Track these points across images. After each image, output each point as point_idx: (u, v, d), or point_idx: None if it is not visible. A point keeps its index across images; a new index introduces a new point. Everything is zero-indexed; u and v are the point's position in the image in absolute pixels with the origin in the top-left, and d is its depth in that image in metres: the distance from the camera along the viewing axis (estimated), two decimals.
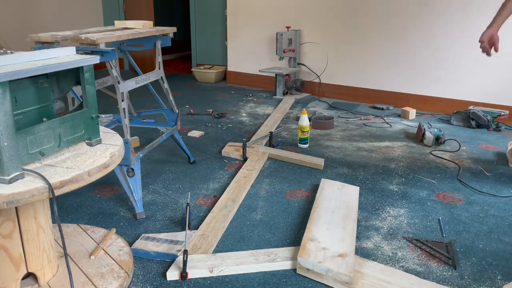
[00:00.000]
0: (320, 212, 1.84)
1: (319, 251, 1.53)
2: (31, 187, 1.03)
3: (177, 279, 1.48)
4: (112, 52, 1.73)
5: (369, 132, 3.20)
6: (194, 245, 1.64)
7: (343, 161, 2.60)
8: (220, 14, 5.42)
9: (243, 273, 1.51)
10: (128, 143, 1.83)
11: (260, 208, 2.00)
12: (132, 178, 1.91)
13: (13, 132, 1.04)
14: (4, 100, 1.01)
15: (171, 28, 2.31)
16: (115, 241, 1.62)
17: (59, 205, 2.01)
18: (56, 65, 1.15)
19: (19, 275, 1.28)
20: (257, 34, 4.82)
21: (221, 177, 2.35)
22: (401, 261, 1.59)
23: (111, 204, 2.03)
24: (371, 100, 4.12)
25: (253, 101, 4.26)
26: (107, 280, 1.38)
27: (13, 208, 1.21)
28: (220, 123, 3.44)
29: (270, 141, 2.84)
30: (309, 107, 3.96)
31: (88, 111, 1.30)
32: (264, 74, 4.74)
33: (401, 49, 3.87)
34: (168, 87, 2.34)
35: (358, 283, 1.41)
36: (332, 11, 4.22)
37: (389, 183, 2.27)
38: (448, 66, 3.66)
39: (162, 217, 1.91)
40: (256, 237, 1.75)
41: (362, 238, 1.74)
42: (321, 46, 4.38)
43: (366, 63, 4.11)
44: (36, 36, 1.77)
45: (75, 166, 1.15)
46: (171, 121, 2.43)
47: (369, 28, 4.01)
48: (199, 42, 5.72)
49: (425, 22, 3.69)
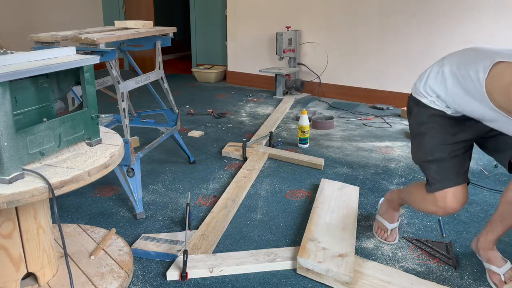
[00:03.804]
0: (320, 212, 1.84)
1: (319, 251, 1.53)
2: (31, 187, 1.03)
3: (177, 279, 1.48)
4: (112, 52, 1.73)
5: (369, 132, 3.20)
6: (194, 245, 1.64)
7: (343, 161, 2.60)
8: (220, 14, 5.41)
9: (243, 273, 1.51)
10: (128, 143, 1.83)
11: (260, 208, 2.00)
12: (132, 178, 1.91)
13: (13, 132, 1.04)
14: (4, 100, 1.01)
15: (171, 28, 2.31)
16: (115, 241, 1.62)
17: (59, 205, 2.01)
18: (56, 65, 1.15)
19: (19, 275, 1.28)
20: (257, 34, 4.82)
21: (221, 177, 2.35)
22: (401, 261, 1.59)
23: (111, 204, 2.03)
24: (371, 100, 4.12)
25: (253, 101, 4.26)
26: (107, 280, 1.38)
27: (13, 208, 1.21)
28: (220, 123, 3.44)
29: (270, 141, 2.84)
30: (309, 107, 3.96)
31: (88, 111, 1.30)
32: (264, 74, 4.73)
33: (401, 49, 3.87)
34: (168, 87, 2.34)
35: (358, 283, 1.41)
36: (332, 11, 4.22)
37: (389, 183, 2.27)
38: None
39: (162, 217, 1.91)
40: (256, 237, 1.75)
41: (362, 238, 1.74)
42: (321, 46, 4.38)
43: (366, 63, 4.11)
44: (36, 36, 1.77)
45: (75, 166, 1.15)
46: (171, 121, 2.43)
47: (369, 28, 4.01)
48: (199, 42, 5.72)
49: (426, 22, 3.69)
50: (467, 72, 1.20)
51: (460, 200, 1.38)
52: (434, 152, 1.38)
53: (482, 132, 1.38)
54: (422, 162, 1.43)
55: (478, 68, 1.16)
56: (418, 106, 1.42)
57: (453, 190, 1.37)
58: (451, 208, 1.39)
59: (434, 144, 1.38)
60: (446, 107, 1.35)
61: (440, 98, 1.35)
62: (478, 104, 1.20)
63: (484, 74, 1.13)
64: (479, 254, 1.53)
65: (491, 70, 1.12)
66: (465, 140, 1.38)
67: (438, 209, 1.41)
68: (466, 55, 1.28)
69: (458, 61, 1.29)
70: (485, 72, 1.13)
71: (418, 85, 1.43)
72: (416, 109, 1.44)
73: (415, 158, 1.48)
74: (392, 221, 1.70)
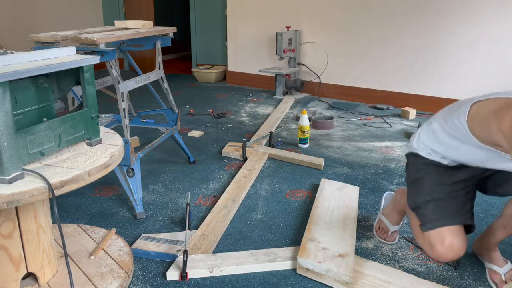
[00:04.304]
0: (320, 212, 1.84)
1: (319, 251, 1.53)
2: (31, 187, 1.03)
3: (177, 279, 1.48)
4: (112, 52, 1.73)
5: (369, 132, 3.20)
6: (194, 245, 1.64)
7: (343, 161, 2.60)
8: (220, 14, 5.41)
9: (243, 273, 1.51)
10: (128, 143, 1.83)
11: (260, 208, 2.00)
12: (132, 178, 1.91)
13: (13, 132, 1.04)
14: (4, 100, 1.01)
15: (171, 28, 2.31)
16: (115, 241, 1.62)
17: (59, 205, 2.01)
18: (56, 65, 1.15)
19: (19, 275, 1.28)
20: (257, 34, 4.82)
21: (221, 177, 2.35)
22: (401, 261, 1.59)
23: (111, 204, 2.03)
24: (371, 100, 4.12)
25: (253, 101, 4.26)
26: (107, 280, 1.38)
27: (13, 208, 1.21)
28: (220, 123, 3.44)
29: (270, 141, 2.84)
30: (309, 107, 3.96)
31: (88, 111, 1.30)
32: (264, 74, 4.73)
33: (401, 49, 3.87)
34: (168, 87, 2.34)
35: (358, 283, 1.41)
36: (332, 11, 4.22)
37: (389, 183, 2.27)
38: (448, 66, 3.66)
39: (162, 217, 1.91)
40: (256, 237, 1.75)
41: (362, 238, 1.74)
42: (321, 46, 4.38)
43: (366, 63, 4.11)
44: (36, 36, 1.77)
45: (75, 166, 1.15)
46: (171, 121, 2.43)
47: (369, 28, 4.01)
48: (199, 42, 5.72)
49: (425, 22, 3.69)
50: (453, 122, 1.27)
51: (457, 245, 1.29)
52: (433, 193, 1.37)
53: (479, 172, 1.39)
54: (420, 203, 1.38)
55: (460, 114, 1.24)
56: (415, 157, 1.47)
57: (451, 230, 1.30)
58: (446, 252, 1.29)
59: (433, 185, 1.38)
60: (441, 157, 1.40)
61: (434, 151, 1.40)
62: (469, 147, 1.25)
63: (464, 117, 1.21)
64: (481, 254, 1.53)
65: (469, 111, 1.20)
66: (463, 179, 1.37)
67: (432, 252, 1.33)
68: (450, 108, 1.36)
69: (444, 115, 1.36)
70: (465, 115, 1.21)
71: (412, 143, 1.51)
72: (413, 159, 1.48)
73: (412, 202, 1.43)
74: (396, 224, 1.69)
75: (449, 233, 1.30)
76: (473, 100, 1.21)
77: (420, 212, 1.38)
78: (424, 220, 1.36)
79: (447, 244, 1.29)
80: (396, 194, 1.69)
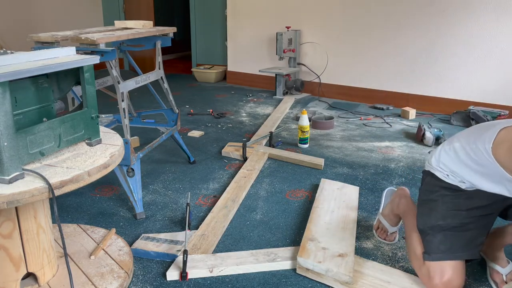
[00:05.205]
0: (320, 212, 1.84)
1: (319, 251, 1.53)
2: (31, 187, 1.03)
3: (177, 279, 1.48)
4: (112, 52, 1.73)
5: (369, 132, 3.20)
6: (194, 245, 1.64)
7: (343, 161, 2.60)
8: (220, 14, 5.41)
9: (243, 273, 1.51)
10: (128, 143, 1.83)
11: (260, 208, 2.00)
12: (132, 178, 1.91)
13: (13, 132, 1.04)
14: (4, 100, 1.01)
15: (171, 28, 2.31)
16: (115, 241, 1.62)
17: (59, 205, 2.01)
18: (56, 65, 1.15)
19: (19, 275, 1.28)
20: (257, 34, 4.82)
21: (221, 177, 2.35)
22: (401, 261, 1.59)
23: (111, 204, 2.03)
24: (371, 100, 4.12)
25: (253, 101, 4.26)
26: (107, 280, 1.38)
27: (13, 208, 1.21)
28: (220, 123, 3.44)
29: (270, 141, 2.84)
30: (309, 107, 3.96)
31: (88, 111, 1.30)
32: (264, 74, 4.74)
33: (401, 49, 3.87)
34: (168, 87, 2.34)
35: (358, 283, 1.41)
36: (332, 11, 4.22)
37: (389, 183, 2.27)
38: (448, 66, 3.66)
39: (162, 217, 1.91)
40: (256, 237, 1.75)
41: (362, 238, 1.74)
42: (321, 46, 4.38)
43: (366, 63, 4.11)
44: (36, 36, 1.77)
45: (75, 166, 1.15)
46: (171, 121, 2.43)
47: (369, 28, 4.01)
48: (199, 42, 5.72)
49: (425, 22, 3.69)
50: (476, 146, 1.23)
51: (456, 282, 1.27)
52: (446, 217, 1.32)
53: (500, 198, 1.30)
54: (431, 227, 1.35)
55: (485, 139, 1.20)
56: (432, 177, 1.42)
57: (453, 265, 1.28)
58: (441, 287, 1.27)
59: (447, 209, 1.33)
60: (460, 181, 1.34)
61: (454, 174, 1.34)
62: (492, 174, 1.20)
63: (490, 143, 1.17)
64: (485, 252, 1.52)
65: (496, 138, 1.16)
66: (482, 206, 1.31)
67: (428, 282, 1.31)
68: (472, 131, 1.32)
69: (467, 137, 1.32)
70: (490, 142, 1.17)
71: (431, 161, 1.45)
72: (429, 179, 1.44)
73: (421, 223, 1.39)
74: (395, 225, 1.69)
75: (450, 268, 1.28)
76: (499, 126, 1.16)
77: (426, 239, 1.36)
78: (429, 249, 1.34)
79: (446, 280, 1.28)
80: (395, 196, 1.67)
